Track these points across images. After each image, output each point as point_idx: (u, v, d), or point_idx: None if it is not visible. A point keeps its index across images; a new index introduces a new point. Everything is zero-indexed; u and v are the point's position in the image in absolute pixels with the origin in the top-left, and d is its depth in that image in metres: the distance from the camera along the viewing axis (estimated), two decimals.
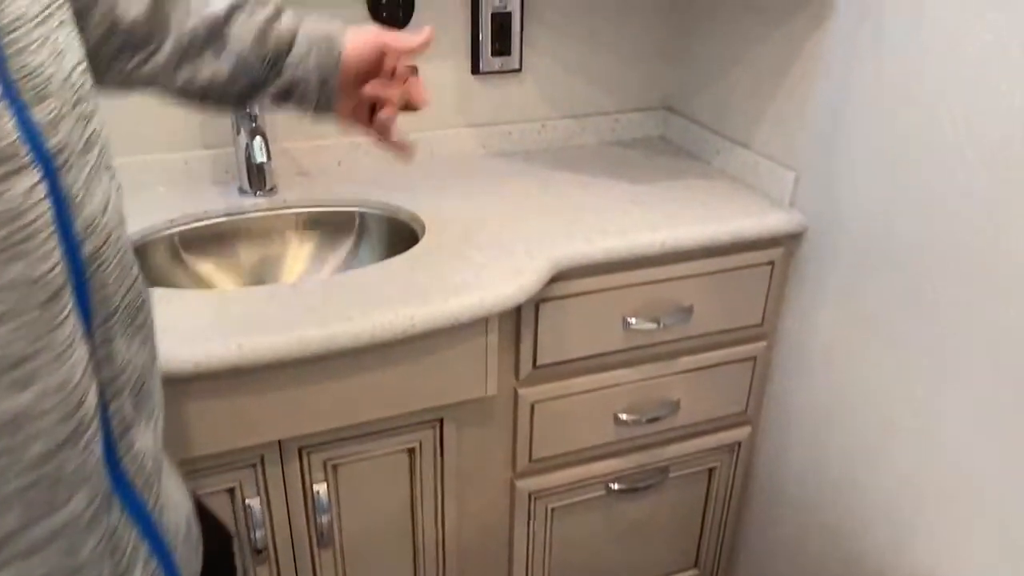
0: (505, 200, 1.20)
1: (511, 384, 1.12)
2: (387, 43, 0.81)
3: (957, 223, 0.94)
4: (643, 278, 1.12)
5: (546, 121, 1.41)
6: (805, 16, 1.12)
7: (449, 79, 1.32)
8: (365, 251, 1.19)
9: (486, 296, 0.94)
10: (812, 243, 1.18)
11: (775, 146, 1.22)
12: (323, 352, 0.87)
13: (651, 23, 1.41)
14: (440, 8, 1.27)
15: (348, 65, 0.78)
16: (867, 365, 1.10)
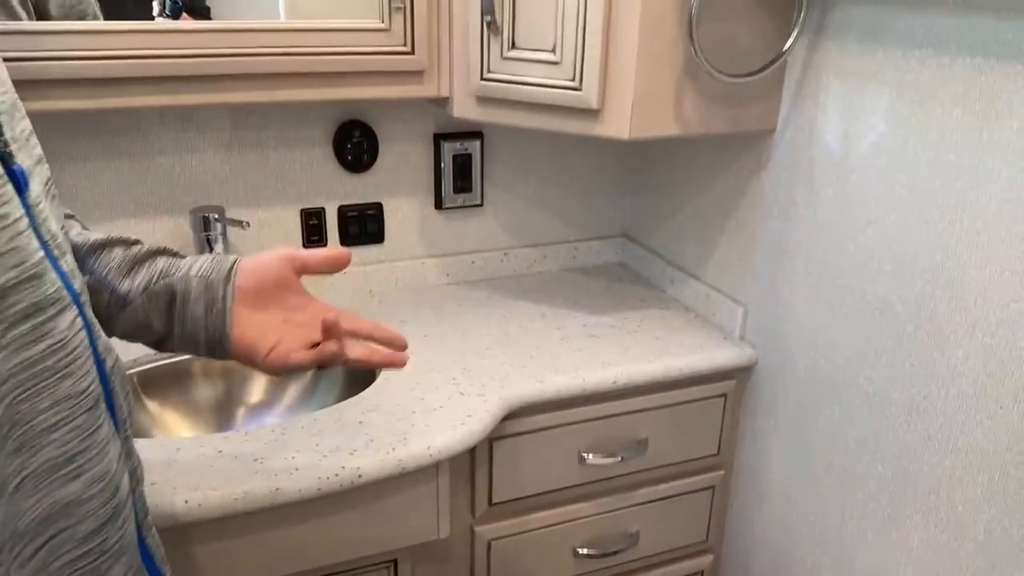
0: (463, 334, 1.23)
1: (467, 522, 1.13)
2: (286, 251, 0.73)
3: (889, 371, 0.97)
4: (597, 413, 1.14)
5: (508, 250, 1.46)
6: (746, 161, 1.18)
7: (414, 214, 1.37)
8: (323, 386, 1.21)
9: (434, 443, 0.96)
10: (762, 376, 1.20)
11: (724, 280, 1.27)
12: (270, 505, 0.88)
13: (608, 159, 1.48)
14: (403, 151, 1.33)
15: (243, 275, 0.71)
16: (820, 501, 1.11)
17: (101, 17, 1.04)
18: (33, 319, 0.48)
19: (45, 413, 0.50)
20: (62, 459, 0.51)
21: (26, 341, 0.48)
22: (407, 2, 1.07)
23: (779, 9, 1.04)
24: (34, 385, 0.49)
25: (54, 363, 0.50)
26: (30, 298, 0.48)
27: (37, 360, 0.49)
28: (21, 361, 0.48)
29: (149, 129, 1.18)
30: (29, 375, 0.48)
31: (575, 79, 1.01)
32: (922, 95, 0.89)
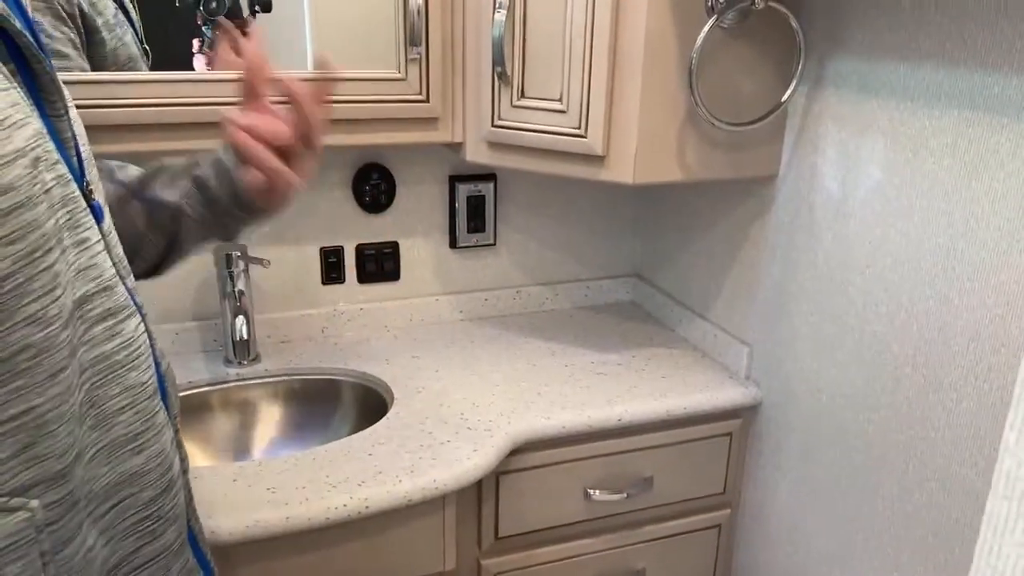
0: (474, 370, 1.26)
1: (474, 555, 1.15)
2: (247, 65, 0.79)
3: (889, 411, 0.98)
4: (603, 450, 1.16)
5: (520, 288, 1.50)
6: (750, 205, 1.22)
7: (429, 252, 1.42)
8: (338, 418, 1.25)
9: (441, 476, 0.99)
10: (767, 415, 1.22)
11: (730, 320, 1.29)
12: (280, 533, 0.91)
13: (618, 200, 1.52)
14: (419, 192, 1.38)
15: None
16: (824, 541, 1.12)
17: (146, 64, 1.12)
18: (107, 321, 0.59)
19: (116, 398, 0.60)
20: (128, 436, 0.61)
21: (102, 339, 0.58)
22: (422, 53, 1.13)
23: (779, 60, 1.08)
24: (108, 374, 0.59)
25: (123, 357, 0.60)
26: (105, 304, 0.59)
27: (111, 354, 0.59)
28: (98, 355, 0.58)
29: None
30: (104, 366, 0.59)
31: (581, 127, 1.06)
32: (915, 144, 0.92)
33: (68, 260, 0.55)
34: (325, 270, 1.36)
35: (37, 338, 0.52)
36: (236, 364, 1.25)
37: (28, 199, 0.50)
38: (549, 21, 1.04)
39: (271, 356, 1.30)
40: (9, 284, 0.50)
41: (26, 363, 0.52)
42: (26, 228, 0.51)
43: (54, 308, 0.53)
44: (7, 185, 0.49)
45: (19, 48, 0.53)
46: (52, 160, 0.54)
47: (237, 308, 1.21)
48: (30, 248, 0.51)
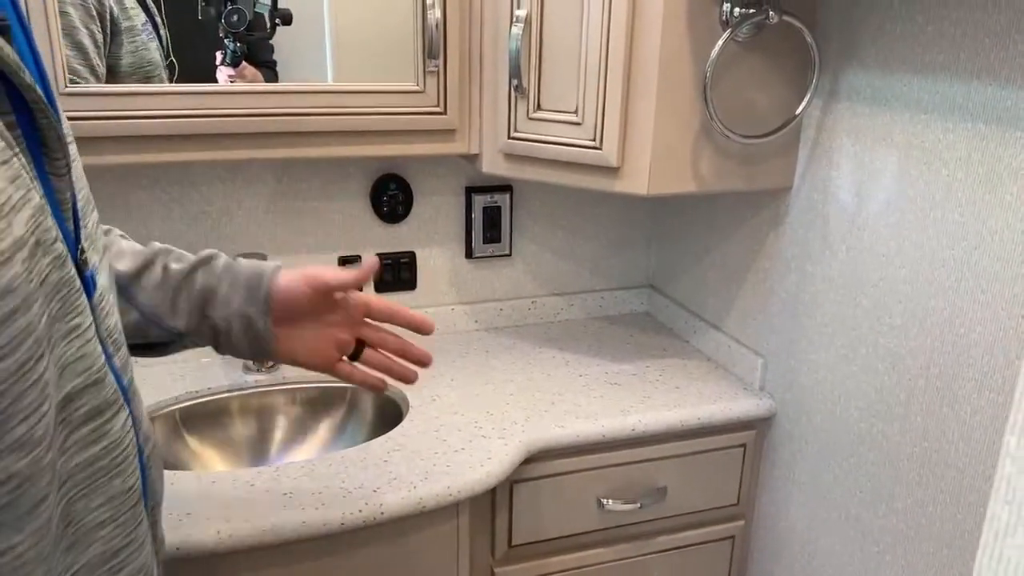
0: (488, 379, 1.28)
1: (487, 563, 1.16)
2: (316, 276, 0.78)
3: (902, 424, 0.98)
4: (616, 459, 1.17)
5: (535, 298, 1.51)
6: (764, 217, 1.22)
7: (445, 262, 1.44)
8: (353, 425, 1.26)
9: (454, 483, 1.00)
10: (782, 427, 1.22)
11: (744, 332, 1.30)
12: (296, 538, 0.92)
13: (634, 211, 1.53)
14: (436, 203, 1.40)
15: (278, 304, 0.77)
16: (838, 553, 1.12)
17: (165, 72, 1.14)
18: (93, 422, 0.52)
19: (96, 511, 0.53)
20: (108, 554, 0.54)
21: (86, 442, 0.51)
22: (440, 66, 1.15)
23: (793, 73, 1.08)
24: (90, 484, 0.52)
25: (108, 462, 0.53)
26: (92, 402, 0.51)
27: (95, 460, 0.52)
28: (80, 461, 0.51)
29: (200, 180, 1.27)
30: (87, 474, 0.51)
31: (596, 139, 1.07)
32: (928, 157, 0.92)
33: (56, 358, 0.48)
34: None
35: (22, 465, 0.45)
36: (255, 371, 1.27)
37: (24, 301, 0.44)
38: (565, 34, 1.06)
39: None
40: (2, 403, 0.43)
41: (7, 496, 0.44)
42: (20, 336, 0.43)
43: (40, 427, 0.46)
44: (5, 288, 0.42)
45: (26, 101, 0.47)
46: (50, 239, 0.47)
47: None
48: (22, 360, 0.44)
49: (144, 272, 0.76)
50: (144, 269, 0.77)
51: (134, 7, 1.12)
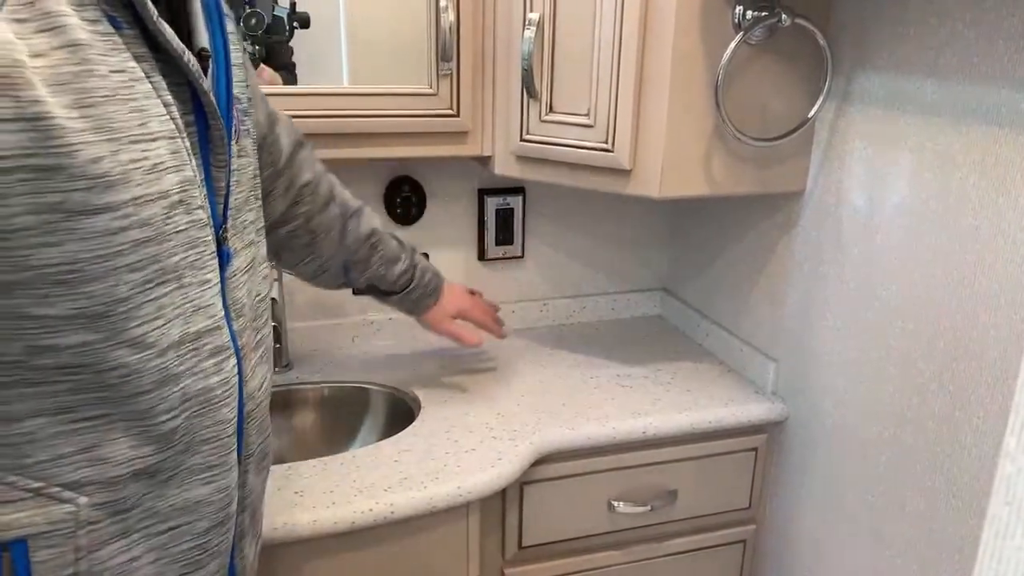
0: (499, 380, 1.28)
1: (497, 564, 1.16)
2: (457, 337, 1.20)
3: (914, 428, 0.98)
4: (627, 462, 1.17)
5: (547, 300, 1.51)
6: (776, 220, 1.22)
7: (457, 264, 1.44)
8: (366, 425, 1.27)
9: (464, 483, 1.00)
10: (793, 431, 1.22)
11: (757, 335, 1.29)
12: (307, 536, 0.93)
13: (647, 214, 1.53)
14: (449, 205, 1.41)
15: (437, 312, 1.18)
16: (849, 558, 1.11)
17: None
18: (216, 357, 0.64)
19: (206, 429, 0.64)
20: (203, 466, 0.65)
21: (210, 372, 0.63)
22: (454, 69, 1.16)
23: (806, 76, 1.08)
24: (207, 406, 0.64)
25: (221, 393, 0.65)
26: (215, 342, 0.64)
27: (213, 388, 0.64)
28: (204, 387, 0.63)
29: None
30: (205, 398, 0.63)
31: (608, 141, 1.07)
32: (942, 160, 0.92)
33: (187, 295, 0.60)
34: None
35: (131, 360, 0.56)
36: None
37: (157, 235, 0.56)
38: (578, 37, 1.06)
39: (303, 364, 1.32)
40: (122, 307, 0.55)
41: (115, 380, 0.56)
42: (148, 260, 0.56)
43: (153, 335, 0.57)
44: (143, 220, 0.55)
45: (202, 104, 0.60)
46: (195, 205, 0.60)
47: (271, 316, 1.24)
48: (148, 277, 0.56)
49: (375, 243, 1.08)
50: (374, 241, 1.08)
51: None
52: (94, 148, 0.51)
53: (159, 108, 0.56)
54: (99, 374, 0.56)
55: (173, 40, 0.56)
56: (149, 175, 0.55)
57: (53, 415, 0.55)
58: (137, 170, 0.54)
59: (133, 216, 0.54)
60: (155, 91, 0.56)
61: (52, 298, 0.52)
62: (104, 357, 0.55)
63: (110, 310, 0.55)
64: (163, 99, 0.57)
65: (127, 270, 0.54)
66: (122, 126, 0.53)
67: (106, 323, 0.55)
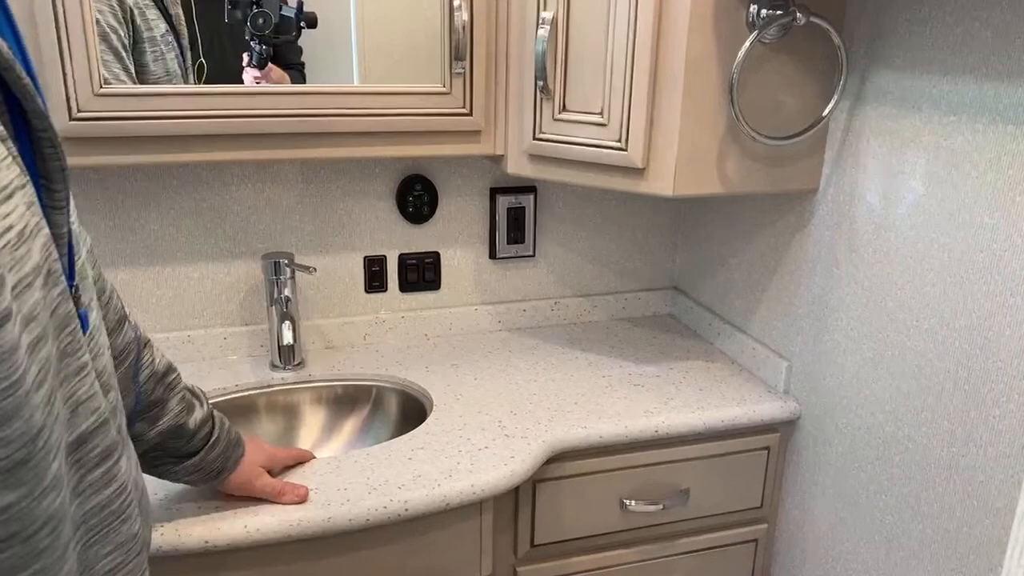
0: (512, 380, 1.28)
1: (510, 562, 1.16)
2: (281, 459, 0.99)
3: (929, 428, 0.98)
4: (639, 460, 1.17)
5: (559, 299, 1.51)
6: (790, 219, 1.22)
7: (469, 263, 1.45)
8: (378, 423, 1.28)
9: (477, 481, 1.00)
10: (806, 431, 1.21)
11: (769, 334, 1.29)
12: (322, 533, 0.94)
13: (658, 213, 1.53)
14: (461, 204, 1.41)
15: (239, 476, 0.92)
16: (862, 558, 1.11)
17: (183, 82, 1.16)
18: (105, 463, 0.51)
19: (107, 558, 0.52)
20: None
21: (99, 485, 0.50)
22: (467, 68, 1.16)
23: (820, 75, 1.08)
24: (102, 529, 0.51)
25: (118, 506, 0.52)
26: (103, 443, 0.50)
27: (107, 503, 0.51)
28: (93, 506, 0.50)
29: (229, 180, 1.29)
30: (98, 520, 0.51)
31: (621, 140, 1.07)
32: (957, 159, 0.92)
33: (66, 396, 0.47)
34: (368, 279, 1.40)
35: (56, 506, 0.44)
36: (282, 368, 1.29)
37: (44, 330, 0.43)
38: (591, 35, 1.07)
39: (315, 361, 1.33)
40: (40, 440, 0.42)
41: (47, 539, 0.44)
42: (46, 367, 0.43)
43: (63, 465, 0.45)
44: (29, 314, 0.41)
45: (30, 128, 0.44)
46: (58, 271, 0.46)
47: (283, 314, 1.25)
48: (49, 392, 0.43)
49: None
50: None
51: (156, 17, 1.14)
52: None
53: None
54: (27, 541, 0.42)
55: None
56: (18, 250, 0.41)
57: None
58: (5, 247, 0.39)
59: (18, 315, 0.40)
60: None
61: None
62: (32, 517, 0.42)
63: (31, 452, 0.42)
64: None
65: (35, 390, 0.41)
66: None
67: (28, 471, 0.42)
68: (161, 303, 1.31)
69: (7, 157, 0.41)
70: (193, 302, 1.32)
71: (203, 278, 1.32)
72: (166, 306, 1.31)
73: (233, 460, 0.89)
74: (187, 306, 1.32)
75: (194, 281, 1.32)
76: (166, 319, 1.31)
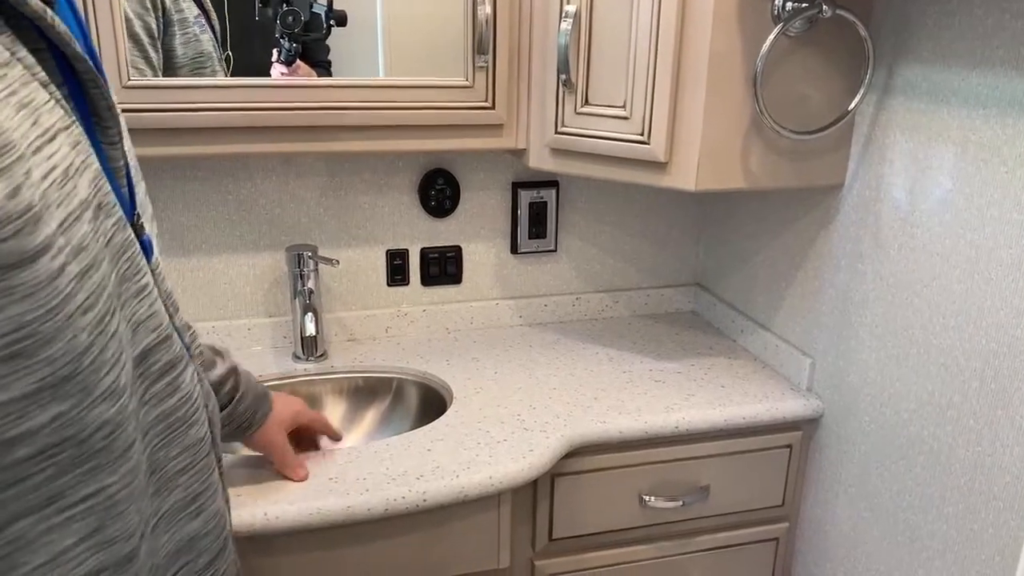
0: (532, 374, 1.28)
1: (527, 555, 1.16)
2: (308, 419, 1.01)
3: (955, 427, 0.96)
4: (659, 456, 1.16)
5: (580, 295, 1.51)
6: (814, 215, 1.20)
7: (490, 257, 1.45)
8: (399, 415, 1.28)
9: (496, 473, 1.01)
10: (829, 429, 1.20)
11: (793, 332, 1.28)
12: (341, 522, 0.94)
13: (681, 208, 1.52)
14: (483, 198, 1.41)
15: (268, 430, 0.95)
16: (885, 558, 1.10)
17: (220, 66, 1.17)
18: (168, 375, 0.55)
19: (176, 459, 0.56)
20: (187, 499, 0.58)
21: (163, 395, 0.55)
22: (490, 62, 1.16)
23: (848, 68, 1.07)
24: (169, 434, 0.56)
25: (184, 414, 0.57)
26: (165, 357, 0.55)
27: (171, 411, 0.55)
28: (159, 413, 0.54)
29: (255, 173, 1.31)
30: (165, 425, 0.55)
31: (644, 133, 1.07)
32: (987, 154, 0.90)
33: (128, 316, 0.51)
34: (390, 272, 1.40)
35: (111, 413, 0.48)
36: (304, 360, 1.30)
37: (95, 258, 0.46)
38: (614, 29, 1.06)
39: (337, 353, 1.34)
40: (88, 358, 0.45)
41: (102, 441, 0.48)
42: (97, 291, 0.46)
43: (123, 377, 0.49)
44: (78, 245, 0.44)
45: (76, 71, 0.48)
46: (111, 203, 0.50)
47: (306, 306, 1.26)
48: (101, 313, 0.46)
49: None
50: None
51: (186, 1, 1.15)
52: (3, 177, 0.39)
53: (40, 93, 0.45)
54: (81, 444, 0.46)
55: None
56: (65, 187, 0.44)
57: (41, 510, 0.45)
58: (52, 185, 0.43)
59: (66, 247, 0.43)
60: (28, 71, 0.44)
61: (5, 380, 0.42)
62: (84, 423, 0.46)
63: (76, 368, 0.45)
64: (39, 78, 0.45)
65: (80, 314, 0.44)
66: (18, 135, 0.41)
67: (75, 384, 0.45)
68: (186, 294, 1.33)
69: (49, 100, 0.45)
70: (218, 293, 1.34)
71: (228, 269, 1.34)
72: (191, 297, 1.33)
73: (261, 414, 0.92)
74: (212, 297, 1.34)
75: (219, 272, 1.33)
76: (191, 309, 1.33)
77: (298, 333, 1.29)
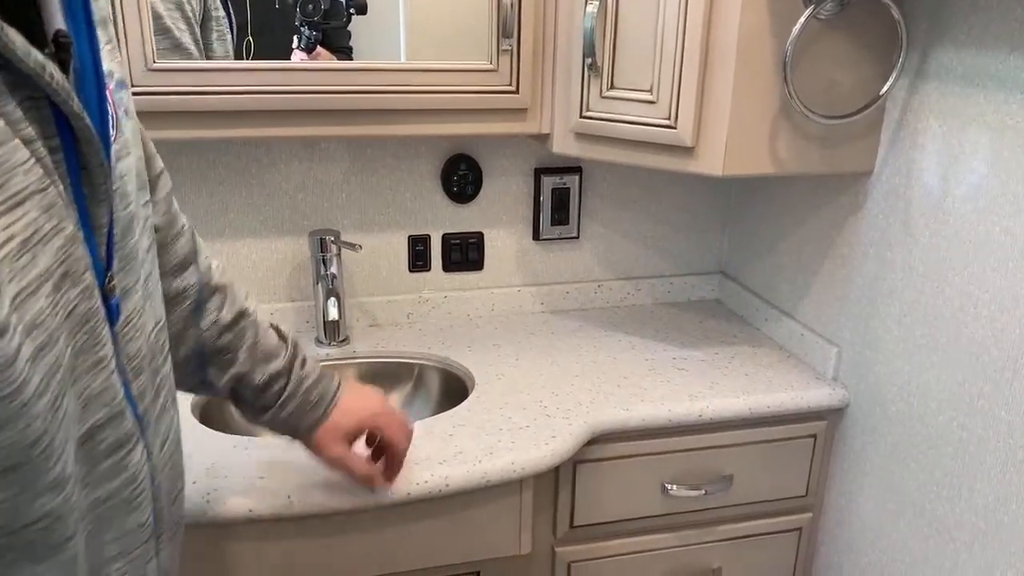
0: (554, 361, 1.28)
1: (549, 542, 1.16)
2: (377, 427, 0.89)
3: (985, 418, 0.94)
4: (682, 445, 1.16)
5: (602, 282, 1.50)
6: (842, 202, 1.18)
7: (512, 244, 1.44)
8: (420, 401, 1.28)
9: (518, 459, 1.00)
10: (854, 419, 1.19)
11: (819, 320, 1.26)
12: (364, 507, 0.95)
13: (706, 195, 1.50)
14: (505, 184, 1.40)
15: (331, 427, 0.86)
16: (911, 549, 1.08)
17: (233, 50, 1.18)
18: (115, 455, 0.51)
19: (109, 545, 0.52)
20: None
21: (107, 476, 0.51)
22: (514, 45, 1.15)
23: (879, 52, 1.05)
24: (105, 519, 0.51)
25: (127, 495, 0.53)
26: (114, 435, 0.51)
27: (113, 494, 0.51)
28: (99, 496, 0.50)
29: (278, 157, 1.31)
30: (104, 509, 0.51)
31: (670, 117, 1.05)
32: (1023, 138, 0.88)
33: (79, 392, 0.48)
34: (412, 258, 1.40)
35: (55, 504, 0.45)
36: (327, 344, 1.30)
37: (51, 336, 0.43)
38: (641, 11, 1.05)
39: (359, 338, 1.34)
40: (40, 446, 0.43)
41: (35, 534, 0.44)
42: (50, 372, 0.43)
43: (69, 464, 0.46)
44: (31, 322, 0.41)
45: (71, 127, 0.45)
46: (79, 270, 0.47)
47: (329, 291, 1.26)
48: (55, 396, 0.44)
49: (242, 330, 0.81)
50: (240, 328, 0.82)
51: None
52: None
53: (20, 152, 0.41)
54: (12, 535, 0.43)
55: (23, 50, 0.39)
56: (20, 259, 0.40)
57: None
58: (5, 258, 0.39)
59: (19, 325, 0.40)
60: (11, 127, 0.40)
61: None
62: (24, 512, 0.43)
63: (26, 457, 0.42)
64: (22, 135, 0.41)
65: (36, 398, 0.41)
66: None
67: (22, 474, 0.42)
68: None
69: (29, 160, 0.42)
70: (241, 278, 1.34)
71: (251, 254, 1.34)
72: None
73: (307, 424, 0.83)
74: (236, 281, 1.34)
75: (242, 257, 1.34)
76: None
77: (321, 318, 1.29)
